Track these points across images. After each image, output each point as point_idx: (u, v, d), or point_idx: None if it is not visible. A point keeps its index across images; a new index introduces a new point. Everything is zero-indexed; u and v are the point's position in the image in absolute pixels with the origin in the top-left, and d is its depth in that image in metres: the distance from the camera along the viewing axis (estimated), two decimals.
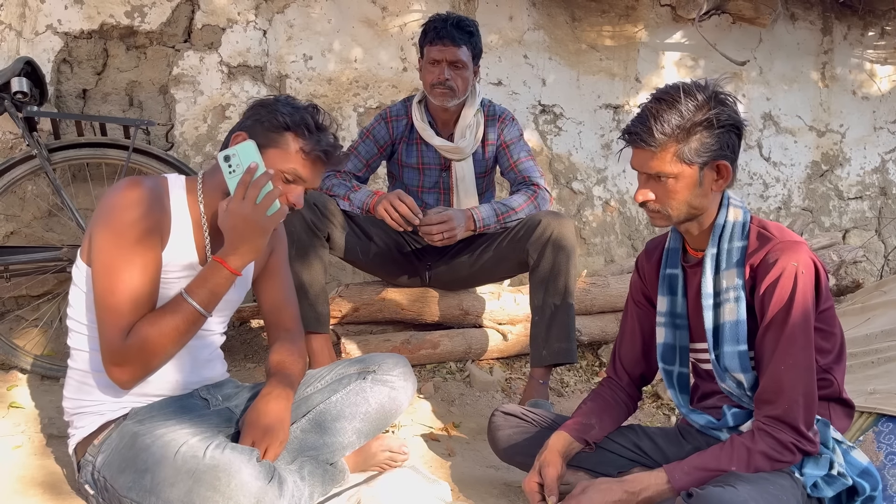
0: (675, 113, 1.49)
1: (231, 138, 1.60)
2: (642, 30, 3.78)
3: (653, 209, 1.58)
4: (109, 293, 1.48)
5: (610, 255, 3.84)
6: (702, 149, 1.50)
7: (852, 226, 4.39)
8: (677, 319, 1.71)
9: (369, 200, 2.45)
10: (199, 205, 1.61)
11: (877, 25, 4.32)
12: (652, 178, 1.55)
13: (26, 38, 2.83)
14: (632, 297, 1.86)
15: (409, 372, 1.86)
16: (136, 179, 1.54)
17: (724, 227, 1.59)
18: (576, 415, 1.79)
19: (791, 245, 1.52)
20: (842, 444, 1.55)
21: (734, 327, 1.55)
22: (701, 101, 1.50)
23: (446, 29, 2.46)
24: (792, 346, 1.48)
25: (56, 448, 1.92)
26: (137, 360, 1.51)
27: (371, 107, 3.33)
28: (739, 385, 1.58)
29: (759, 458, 1.46)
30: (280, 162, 1.58)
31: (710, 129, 1.50)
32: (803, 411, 1.47)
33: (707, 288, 1.59)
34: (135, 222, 1.49)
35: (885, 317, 2.52)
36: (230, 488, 1.41)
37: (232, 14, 3.09)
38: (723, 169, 1.54)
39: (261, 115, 1.60)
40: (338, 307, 2.72)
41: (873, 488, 1.50)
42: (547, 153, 3.68)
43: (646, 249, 1.84)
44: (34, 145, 2.46)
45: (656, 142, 1.50)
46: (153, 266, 1.53)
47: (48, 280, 2.74)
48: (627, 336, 1.85)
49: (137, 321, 1.50)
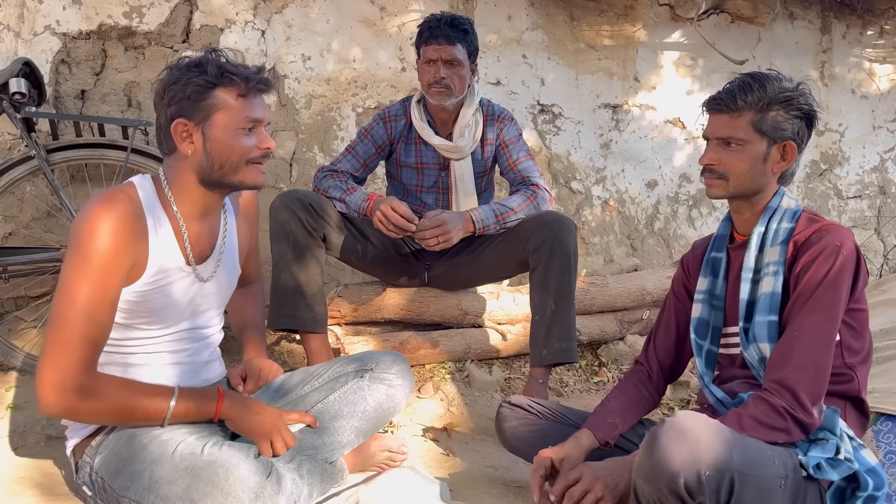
0: (760, 87, 1.59)
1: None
2: (641, 29, 3.78)
3: (715, 174, 1.64)
4: (64, 319, 1.42)
5: (609, 255, 3.83)
6: (776, 125, 1.59)
7: (851, 225, 4.39)
8: (714, 300, 1.74)
9: (365, 205, 2.45)
10: (171, 205, 1.59)
11: (876, 24, 4.31)
12: (720, 144, 1.63)
13: (24, 38, 2.83)
14: (672, 289, 1.90)
15: (406, 369, 1.86)
16: (107, 201, 1.47)
17: (776, 210, 1.64)
18: (604, 413, 1.79)
19: (839, 229, 1.56)
20: (853, 441, 1.53)
21: (768, 299, 1.58)
22: (786, 85, 1.60)
23: (440, 28, 2.46)
24: (812, 315, 1.50)
25: (53, 449, 1.92)
26: (85, 402, 1.43)
27: (370, 107, 3.33)
28: (762, 360, 1.58)
29: (748, 421, 1.46)
30: (232, 120, 1.54)
31: (788, 109, 1.58)
32: (810, 381, 1.46)
33: (749, 262, 1.63)
34: (104, 251, 1.44)
35: (883, 316, 2.52)
36: (228, 483, 1.41)
37: (230, 14, 3.09)
38: (789, 150, 1.61)
39: (176, 94, 1.52)
40: (337, 307, 2.72)
41: (876, 488, 1.48)
42: (546, 153, 3.67)
43: (692, 247, 1.91)
44: (32, 146, 2.46)
45: (737, 106, 1.59)
46: (113, 296, 1.48)
47: (47, 281, 2.74)
48: (662, 326, 1.89)
49: (108, 376, 1.47)
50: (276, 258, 2.41)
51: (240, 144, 1.55)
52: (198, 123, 1.54)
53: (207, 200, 1.63)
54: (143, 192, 1.57)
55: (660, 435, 1.35)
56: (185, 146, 1.55)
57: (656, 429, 1.37)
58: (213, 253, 1.68)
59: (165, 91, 1.53)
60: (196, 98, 1.52)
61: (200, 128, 1.54)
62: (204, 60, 1.54)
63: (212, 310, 1.72)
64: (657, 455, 1.33)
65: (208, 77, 1.51)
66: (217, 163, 1.56)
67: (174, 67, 1.56)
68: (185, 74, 1.52)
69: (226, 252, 1.72)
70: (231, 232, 1.75)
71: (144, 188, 1.58)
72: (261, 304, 1.99)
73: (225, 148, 1.55)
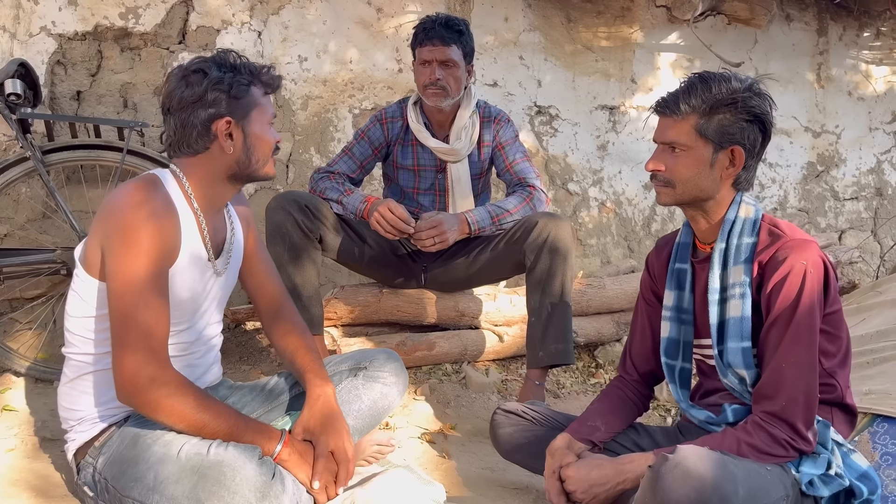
0: (706, 89, 1.53)
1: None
2: (638, 31, 3.79)
3: (660, 181, 1.60)
4: (132, 316, 1.45)
5: (606, 257, 3.83)
6: (721, 129, 1.53)
7: (848, 226, 4.39)
8: (683, 314, 1.71)
9: (362, 207, 2.44)
10: (190, 198, 1.61)
11: (872, 26, 4.32)
12: (666, 150, 1.58)
13: (20, 39, 2.82)
14: (642, 295, 1.86)
15: (400, 367, 1.87)
16: (141, 187, 1.51)
17: (734, 222, 1.59)
18: (581, 416, 1.80)
19: (801, 243, 1.51)
20: (842, 447, 1.54)
21: (738, 324, 1.55)
22: (735, 86, 1.53)
23: (435, 29, 2.47)
24: (795, 344, 1.47)
25: (50, 451, 1.91)
26: (162, 393, 1.46)
27: (366, 108, 3.33)
28: (742, 381, 1.58)
29: (748, 449, 1.46)
30: (264, 116, 1.62)
31: (734, 112, 1.52)
32: (802, 410, 1.46)
33: (714, 283, 1.59)
34: (153, 241, 1.47)
35: (880, 317, 2.52)
36: (235, 483, 1.42)
37: (227, 15, 3.09)
38: (737, 155, 1.55)
39: (220, 94, 1.55)
40: (333, 309, 2.71)
41: (871, 492, 1.49)
42: (543, 154, 3.67)
43: (656, 246, 1.85)
44: (28, 147, 2.45)
45: (680, 111, 1.54)
46: (166, 277, 1.53)
47: (42, 282, 2.73)
48: (638, 334, 1.85)
49: (194, 387, 1.51)
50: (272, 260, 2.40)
51: (270, 138, 1.64)
52: (238, 121, 1.58)
53: (226, 196, 1.67)
54: (168, 186, 1.59)
55: (664, 474, 1.34)
56: (227, 144, 1.58)
57: (659, 466, 1.35)
58: (224, 247, 1.71)
59: (207, 92, 1.54)
60: (239, 96, 1.57)
61: (240, 125, 1.58)
62: (228, 61, 1.59)
63: (218, 306, 1.74)
64: (662, 496, 1.33)
65: (245, 77, 1.58)
66: (254, 157, 1.62)
67: (196, 70, 1.56)
68: (224, 75, 1.56)
69: (234, 246, 1.74)
70: (236, 226, 1.77)
71: (168, 181, 1.60)
72: (311, 339, 1.86)
73: (261, 143, 1.62)
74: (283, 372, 1.86)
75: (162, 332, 1.48)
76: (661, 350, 1.73)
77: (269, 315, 1.84)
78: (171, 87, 1.56)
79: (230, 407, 1.58)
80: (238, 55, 1.62)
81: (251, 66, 1.61)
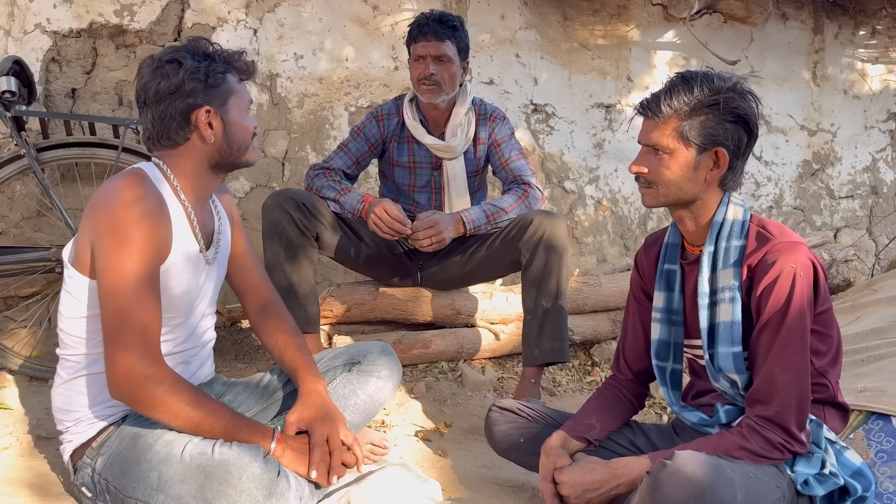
0: (688, 90, 1.51)
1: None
2: (634, 29, 3.79)
3: (644, 183, 1.59)
4: (126, 313, 1.44)
5: (602, 255, 3.84)
6: (703, 131, 1.51)
7: (843, 225, 4.40)
8: (673, 316, 1.70)
9: (359, 207, 2.44)
10: (178, 192, 1.60)
11: (868, 25, 4.33)
12: (650, 152, 1.56)
13: (15, 36, 2.81)
14: (632, 293, 1.85)
15: (394, 360, 1.88)
16: (131, 183, 1.50)
17: (722, 224, 1.58)
18: (576, 414, 1.80)
19: (790, 246, 1.50)
20: (835, 445, 1.54)
21: (728, 328, 1.54)
22: (717, 86, 1.51)
23: (429, 24, 2.47)
24: (787, 348, 1.47)
25: (44, 450, 1.90)
26: (158, 390, 1.46)
27: (362, 106, 3.33)
28: (733, 385, 1.58)
29: (744, 452, 1.46)
30: (240, 102, 1.62)
31: (716, 113, 1.50)
32: (796, 413, 1.47)
33: (703, 287, 1.58)
34: (146, 239, 1.47)
35: (875, 315, 2.52)
36: (242, 481, 1.42)
37: (222, 13, 3.08)
38: (721, 157, 1.53)
39: (197, 83, 1.53)
40: (329, 307, 2.71)
41: (865, 489, 1.50)
42: (539, 152, 3.67)
43: (644, 245, 1.84)
44: (22, 145, 2.44)
45: (661, 113, 1.52)
46: (157, 272, 1.52)
47: (37, 281, 2.72)
48: (630, 333, 1.84)
49: (189, 385, 1.51)
50: (268, 258, 2.40)
51: (248, 125, 1.64)
52: (217, 109, 1.57)
53: (211, 185, 1.66)
54: (156, 181, 1.58)
55: (663, 481, 1.34)
56: (207, 133, 1.57)
57: (657, 473, 1.36)
58: (213, 237, 1.71)
59: (184, 82, 1.53)
60: (216, 85, 1.56)
61: (219, 113, 1.58)
62: (202, 49, 1.57)
63: (211, 300, 1.74)
64: (661, 503, 1.33)
65: (221, 65, 1.57)
66: (235, 144, 1.62)
67: (170, 60, 1.54)
68: (198, 64, 1.54)
69: (223, 236, 1.74)
70: (223, 215, 1.77)
71: (154, 174, 1.59)
72: (302, 338, 1.85)
73: (241, 130, 1.62)
74: (276, 368, 1.86)
75: (155, 329, 1.48)
76: (652, 352, 1.73)
77: (256, 309, 1.84)
78: (146, 78, 1.54)
79: (224, 405, 1.58)
80: (210, 42, 1.60)
81: (225, 54, 1.59)
